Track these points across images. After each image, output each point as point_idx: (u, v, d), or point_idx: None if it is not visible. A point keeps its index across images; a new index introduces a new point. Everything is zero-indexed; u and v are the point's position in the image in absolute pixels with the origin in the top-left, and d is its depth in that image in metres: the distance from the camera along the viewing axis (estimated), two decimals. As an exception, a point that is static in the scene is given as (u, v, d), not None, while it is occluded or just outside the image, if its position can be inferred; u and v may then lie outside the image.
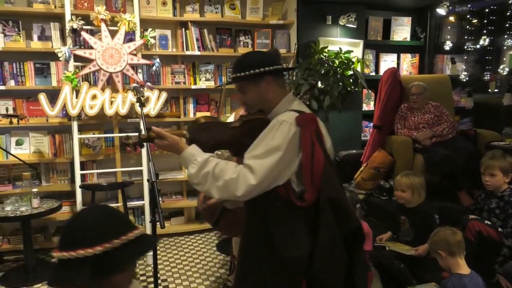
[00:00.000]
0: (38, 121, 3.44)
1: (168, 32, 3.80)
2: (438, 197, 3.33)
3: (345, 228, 1.43)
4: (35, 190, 3.12)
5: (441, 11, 4.12)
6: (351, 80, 3.84)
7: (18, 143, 3.48)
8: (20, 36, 3.36)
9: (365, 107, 4.65)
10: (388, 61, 4.72)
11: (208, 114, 4.00)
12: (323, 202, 1.40)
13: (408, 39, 4.72)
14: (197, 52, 3.83)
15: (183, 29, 3.80)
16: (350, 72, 3.84)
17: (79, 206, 3.29)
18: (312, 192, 1.41)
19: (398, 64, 4.78)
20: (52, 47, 3.39)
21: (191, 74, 3.91)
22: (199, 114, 3.97)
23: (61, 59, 3.19)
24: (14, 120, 3.09)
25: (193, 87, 3.89)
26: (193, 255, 3.52)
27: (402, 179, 2.67)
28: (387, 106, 3.90)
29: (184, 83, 3.88)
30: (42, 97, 3.16)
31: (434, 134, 3.54)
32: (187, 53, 3.80)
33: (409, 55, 4.80)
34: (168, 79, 3.83)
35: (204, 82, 3.94)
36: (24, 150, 3.48)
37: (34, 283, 3.00)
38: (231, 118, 2.63)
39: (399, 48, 4.77)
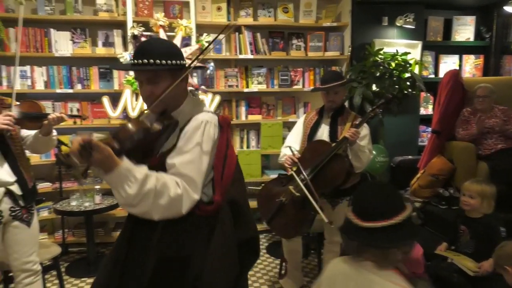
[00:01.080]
0: (101, 122, 3.66)
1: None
2: (505, 208, 3.10)
3: (242, 234, 1.39)
4: (97, 187, 3.32)
5: (509, 8, 3.84)
6: (408, 83, 3.69)
7: (83, 143, 3.72)
8: (86, 43, 3.59)
9: (422, 111, 4.45)
10: (448, 63, 4.48)
11: (259, 117, 4.02)
12: (225, 203, 1.36)
13: (472, 39, 4.45)
14: (250, 56, 3.88)
15: (237, 33, 3.87)
16: (407, 75, 3.69)
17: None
18: (219, 196, 1.36)
19: (460, 66, 4.52)
20: (115, 52, 3.59)
21: (243, 77, 3.97)
22: (251, 117, 4.01)
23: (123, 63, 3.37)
24: (78, 120, 3.30)
25: (245, 90, 3.94)
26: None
27: (473, 185, 2.49)
28: (447, 110, 3.69)
29: (237, 86, 3.94)
30: (105, 100, 3.35)
31: (504, 128, 3.29)
32: (240, 56, 3.86)
33: (472, 57, 4.52)
34: (221, 82, 3.91)
35: (256, 86, 3.98)
36: (88, 149, 3.70)
37: (95, 274, 3.17)
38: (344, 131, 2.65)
39: (461, 49, 4.51)
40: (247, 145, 4.07)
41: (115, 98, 3.43)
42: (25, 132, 2.26)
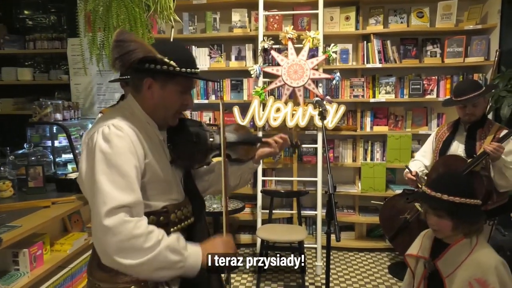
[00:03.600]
0: (231, 130, 3.93)
1: (349, 46, 3.82)
2: None
3: None
4: (225, 190, 3.57)
5: None
6: None
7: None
8: (221, 57, 3.93)
9: None
10: None
11: (385, 128, 3.83)
12: None
13: None
14: (378, 65, 3.72)
15: (365, 42, 3.76)
16: None
17: (259, 209, 3.60)
18: None
19: None
20: (245, 65, 3.84)
21: (370, 87, 3.83)
22: (376, 128, 3.84)
23: (252, 75, 3.59)
24: (214, 129, 3.61)
25: (372, 100, 3.79)
26: (363, 274, 3.40)
27: None
28: None
29: (363, 96, 3.82)
30: (235, 110, 3.60)
31: None
32: (368, 66, 3.74)
33: None
34: (346, 92, 3.84)
35: (383, 95, 3.80)
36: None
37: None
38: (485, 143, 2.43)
39: None
40: (371, 158, 3.90)
41: (244, 108, 3.66)
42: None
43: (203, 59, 3.92)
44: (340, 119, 3.57)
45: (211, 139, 1.44)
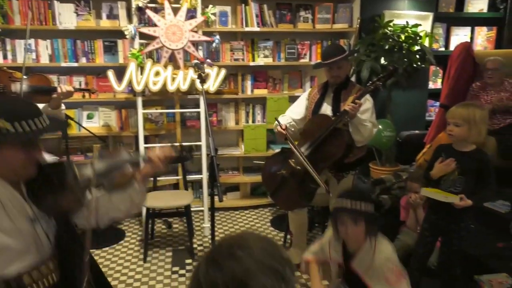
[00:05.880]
0: (107, 97, 3.65)
1: (228, 9, 3.80)
2: (511, 183, 3.09)
3: None
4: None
5: (527, -22, 3.69)
6: (417, 56, 3.61)
7: (89, 117, 3.74)
8: (90, 15, 3.54)
9: (431, 85, 4.37)
10: (460, 35, 4.36)
11: (265, 91, 3.99)
12: None
13: (485, 10, 4.31)
14: (256, 28, 3.80)
15: (243, 5, 3.78)
16: (417, 48, 3.61)
17: (143, 177, 3.48)
18: None
19: (472, 38, 4.40)
20: (119, 25, 3.54)
21: (249, 50, 3.91)
22: (256, 92, 3.98)
23: (127, 37, 3.33)
24: (86, 94, 3.30)
25: (251, 64, 3.89)
26: (248, 229, 3.60)
27: (458, 110, 2.09)
28: (457, 84, 3.62)
29: (243, 59, 3.89)
30: (110, 74, 3.33)
31: (509, 106, 3.23)
32: (246, 29, 3.79)
33: (485, 29, 4.39)
34: (227, 56, 3.86)
35: (262, 59, 3.92)
36: (94, 124, 3.73)
37: (102, 246, 3.27)
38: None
39: (473, 21, 4.38)
40: (252, 120, 4.05)
41: (120, 72, 3.41)
42: None
43: (68, 16, 3.49)
44: (222, 82, 3.59)
45: (81, 174, 1.27)
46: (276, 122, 2.72)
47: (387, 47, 3.57)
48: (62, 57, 3.55)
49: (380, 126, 3.53)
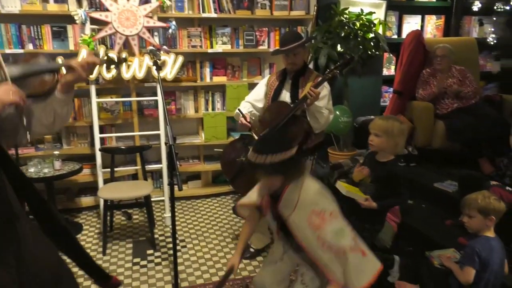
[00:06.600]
0: (57, 85, 3.47)
1: (184, -6, 3.71)
2: (458, 164, 3.28)
3: None
4: (56, 152, 3.20)
5: (471, -32, 3.88)
6: (372, 43, 3.71)
7: (39, 107, 3.54)
8: (36, -1, 3.33)
9: (385, 72, 4.52)
10: (411, 23, 4.53)
11: (224, 78, 3.96)
12: None
13: (434, -1, 4.49)
14: (213, 15, 3.74)
15: (199, -10, 3.70)
16: (371, 35, 3.70)
17: (99, 169, 3.37)
18: None
19: (422, 26, 4.58)
20: (68, 9, 3.36)
21: (207, 37, 3.85)
22: (215, 79, 3.94)
23: (77, 22, 3.17)
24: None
25: (210, 51, 3.83)
26: (210, 217, 3.60)
27: (378, 122, 2.24)
28: (409, 70, 3.78)
29: (201, 46, 3.82)
30: (60, 61, 3.16)
31: (459, 90, 3.41)
32: (204, 15, 3.72)
33: (434, 17, 4.59)
34: (184, 42, 3.78)
35: (220, 46, 3.87)
36: (45, 114, 3.54)
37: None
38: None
39: (423, 10, 4.55)
40: (212, 107, 4.02)
41: (71, 58, 3.24)
42: None
43: (12, 0, 3.26)
44: (180, 70, 3.52)
45: None
46: (238, 112, 2.71)
47: (343, 34, 3.64)
48: (6, 43, 3.33)
49: (337, 112, 3.62)
